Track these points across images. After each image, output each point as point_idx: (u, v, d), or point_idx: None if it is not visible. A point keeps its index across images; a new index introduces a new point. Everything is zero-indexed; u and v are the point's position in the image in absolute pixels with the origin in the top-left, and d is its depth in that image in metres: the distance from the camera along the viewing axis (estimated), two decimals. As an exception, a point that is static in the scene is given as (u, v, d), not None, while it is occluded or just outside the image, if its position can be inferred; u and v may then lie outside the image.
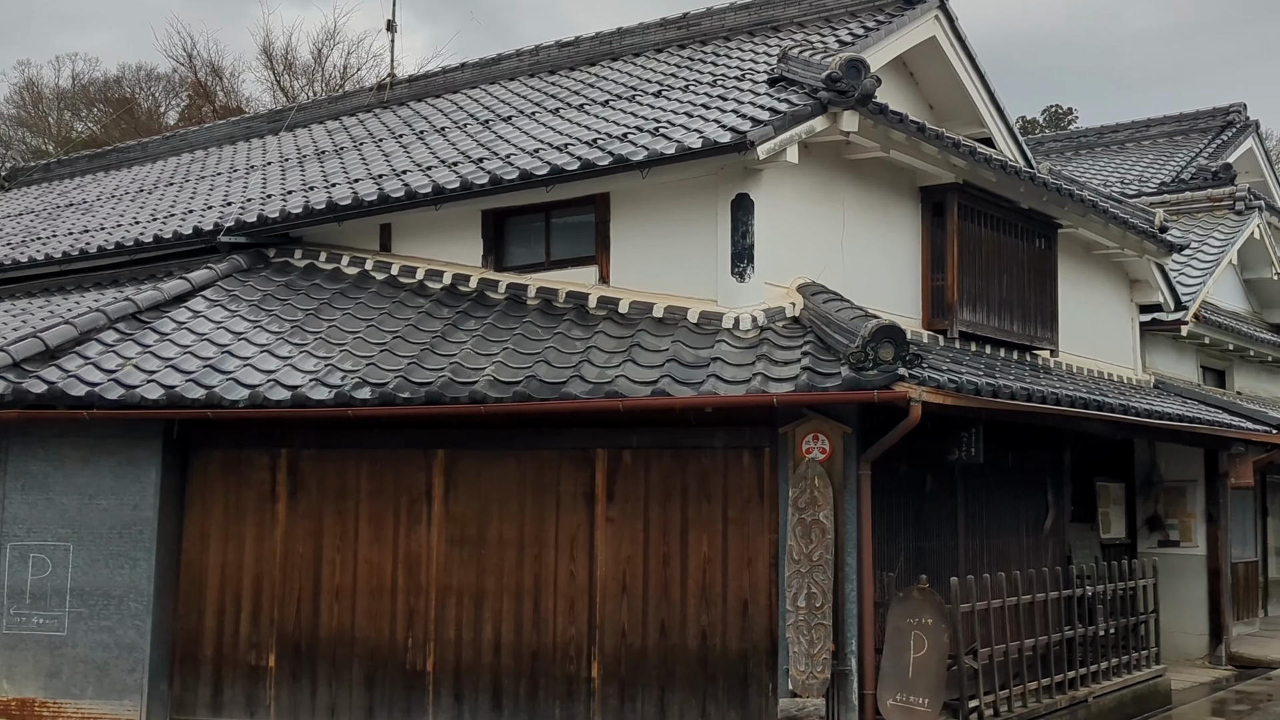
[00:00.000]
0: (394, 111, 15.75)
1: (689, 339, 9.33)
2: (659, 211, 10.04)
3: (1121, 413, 11.20)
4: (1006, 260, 12.24)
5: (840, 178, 10.53)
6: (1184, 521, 15.21)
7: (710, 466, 9.21)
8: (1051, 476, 12.61)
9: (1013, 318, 12.29)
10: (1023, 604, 10.03)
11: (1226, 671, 14.22)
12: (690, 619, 9.16)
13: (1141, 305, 15.70)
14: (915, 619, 8.81)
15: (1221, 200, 18.68)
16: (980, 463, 9.97)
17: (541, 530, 9.51)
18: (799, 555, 8.78)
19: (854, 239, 10.64)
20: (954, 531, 10.89)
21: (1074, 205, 12.69)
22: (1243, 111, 24.20)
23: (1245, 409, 15.55)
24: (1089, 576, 11.20)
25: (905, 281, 11.36)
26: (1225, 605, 14.83)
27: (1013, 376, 10.30)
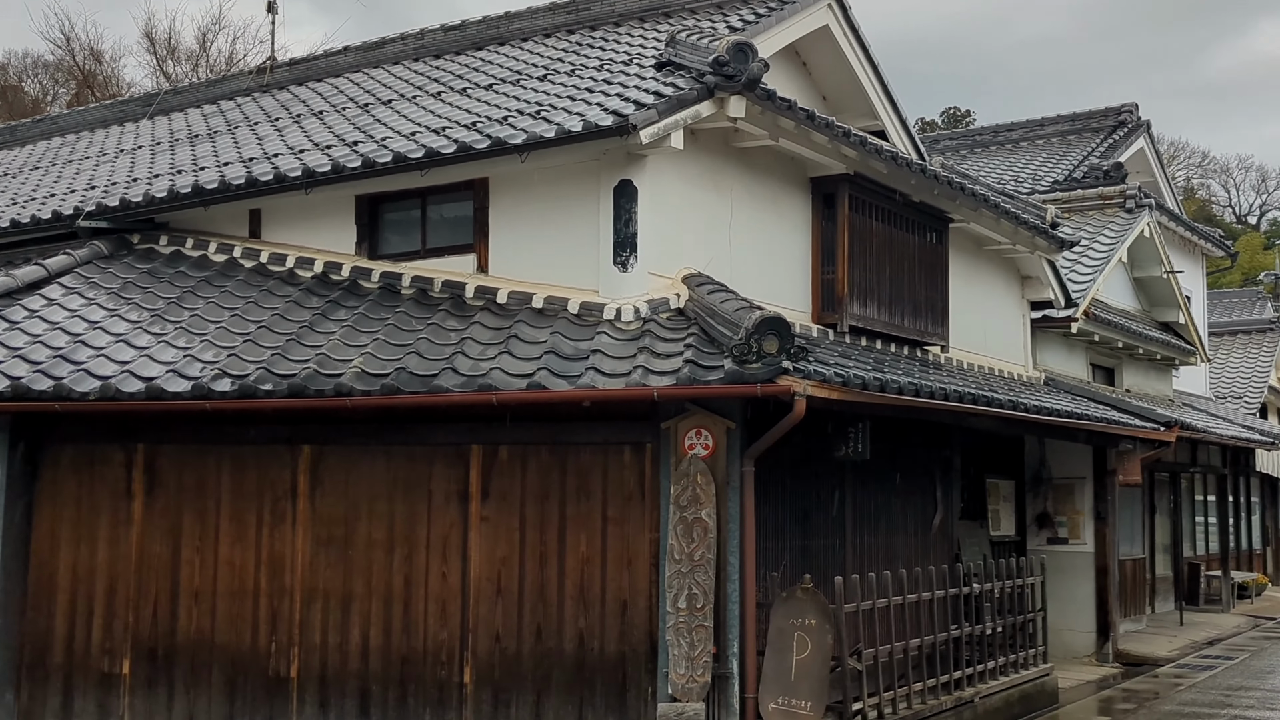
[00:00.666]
0: (273, 95, 15.20)
1: (569, 330, 9.02)
2: (540, 198, 9.71)
3: (1010, 409, 11.12)
4: (898, 254, 12.13)
5: (728, 166, 10.30)
6: (1073, 519, 15.29)
7: (590, 463, 8.91)
8: (941, 473, 12.53)
9: (904, 313, 12.17)
10: (909, 603, 9.89)
11: (1113, 669, 14.31)
12: (568, 621, 8.85)
13: (1033, 302, 15.75)
14: (798, 620, 8.60)
15: (1112, 199, 18.86)
16: (867, 459, 9.81)
17: (413, 530, 9.14)
18: (680, 555, 8.52)
19: (742, 230, 10.41)
20: (841, 529, 10.73)
21: (965, 199, 12.62)
22: (1134, 111, 24.58)
23: (1134, 406, 15.68)
24: (977, 574, 11.12)
25: (795, 274, 11.17)
26: (1113, 603, 14.92)
27: (901, 371, 10.16)
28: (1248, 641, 17.39)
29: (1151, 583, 19.73)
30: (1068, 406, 13.00)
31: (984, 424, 11.58)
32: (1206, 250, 26.30)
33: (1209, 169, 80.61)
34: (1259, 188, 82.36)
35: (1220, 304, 34.07)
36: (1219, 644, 17.01)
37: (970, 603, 10.93)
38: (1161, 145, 77.10)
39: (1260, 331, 30.51)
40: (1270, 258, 68.30)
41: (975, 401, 10.38)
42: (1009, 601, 11.49)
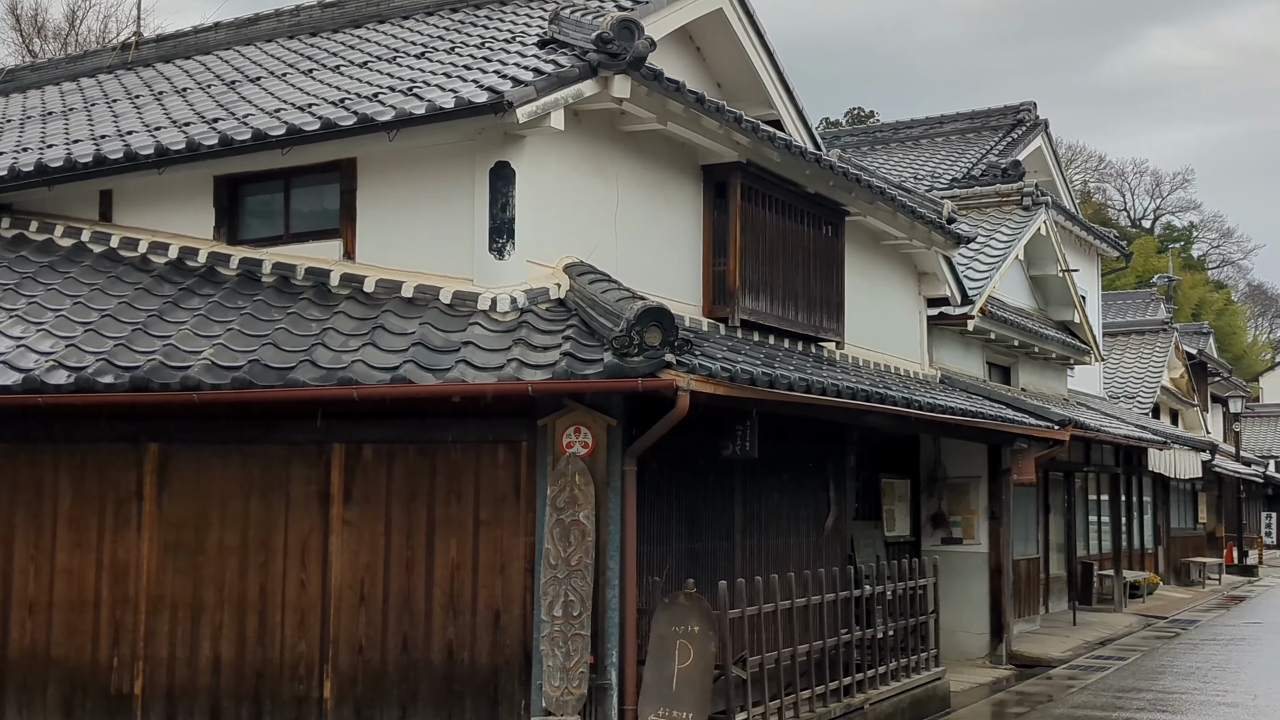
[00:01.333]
0: (137, 73, 14.41)
1: (439, 321, 8.51)
2: (412, 180, 9.17)
3: (904, 407, 10.84)
4: (792, 247, 11.79)
5: (615, 151, 9.85)
6: (967, 518, 15.12)
7: (461, 463, 8.40)
8: (835, 473, 12.23)
9: (798, 307, 11.84)
10: (797, 608, 9.52)
11: (1007, 671, 14.15)
12: (436, 631, 8.34)
13: (930, 299, 15.55)
14: (681, 627, 8.18)
15: (1010, 196, 18.80)
16: (756, 458, 9.44)
17: (269, 535, 8.55)
18: (556, 559, 8.05)
19: (630, 218, 9.97)
20: (730, 531, 10.35)
21: (861, 191, 12.33)
22: (1033, 110, 24.67)
23: (1029, 405, 15.56)
24: (868, 577, 10.81)
25: (685, 266, 10.75)
26: (1006, 603, 14.77)
27: (793, 367, 9.79)
28: (1139, 641, 17.42)
29: (1046, 582, 19.73)
30: (962, 405, 12.79)
31: (879, 422, 11.29)
32: (1102, 250, 26.53)
33: (1105, 173, 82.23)
34: (1153, 192, 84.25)
35: (1115, 305, 34.55)
36: (1111, 644, 17.00)
37: (863, 606, 10.63)
38: (1060, 148, 78.90)
39: (1154, 332, 30.95)
40: (1164, 261, 69.85)
41: (869, 399, 10.08)
42: (902, 604, 11.21)
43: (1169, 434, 24.26)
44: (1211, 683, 13.39)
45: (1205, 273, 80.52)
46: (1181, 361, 31.90)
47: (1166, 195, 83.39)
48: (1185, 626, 19.47)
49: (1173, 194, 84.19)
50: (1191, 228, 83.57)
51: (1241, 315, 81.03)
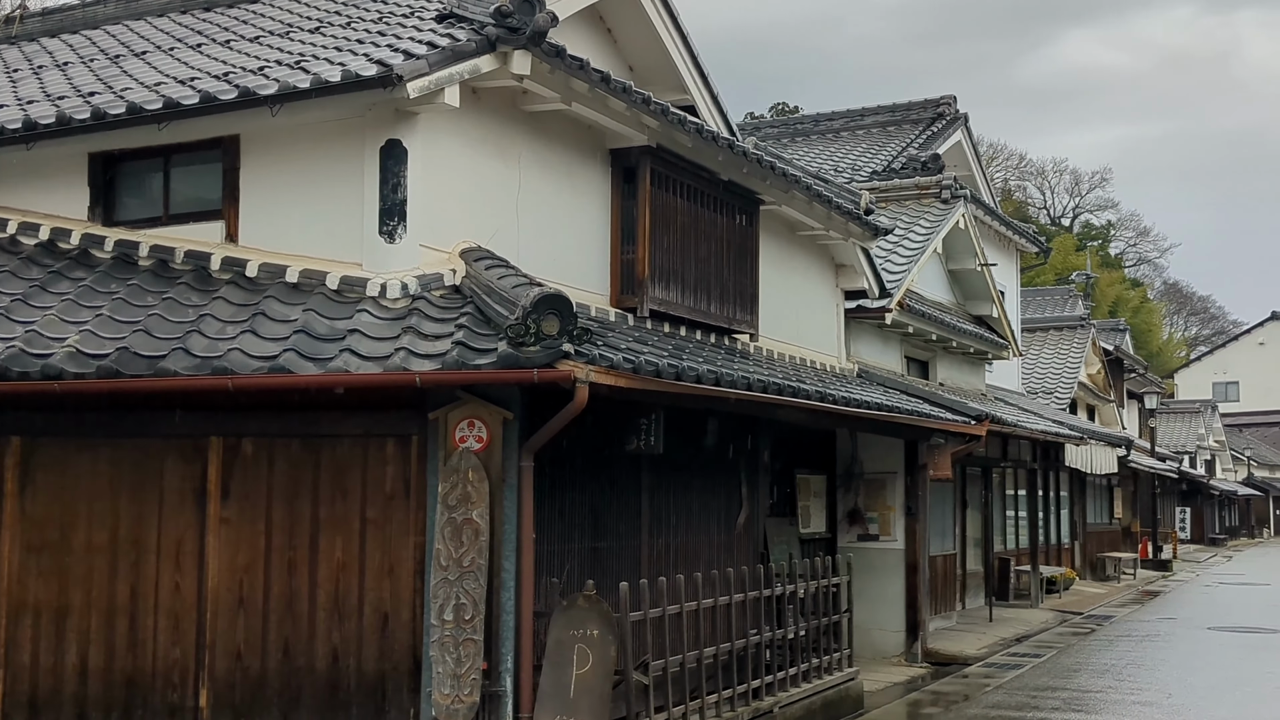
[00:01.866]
0: (20, 48, 13.69)
1: (325, 308, 8.05)
2: (299, 159, 8.69)
3: (818, 401, 10.57)
4: (705, 235, 11.46)
5: (517, 132, 9.44)
6: (884, 515, 14.92)
7: (348, 458, 7.97)
8: (747, 468, 11.93)
9: (710, 298, 11.51)
10: (705, 609, 9.19)
11: (922, 670, 13.96)
12: (320, 637, 7.90)
13: (847, 291, 15.33)
14: (579, 630, 7.80)
15: (929, 189, 18.65)
16: (661, 453, 9.09)
17: (141, 534, 8.05)
18: (448, 560, 7.64)
19: (533, 203, 9.57)
20: (637, 530, 9.99)
21: (776, 179, 12.03)
22: (953, 104, 24.61)
23: (946, 400, 15.40)
24: (779, 575, 10.52)
25: (592, 253, 10.37)
26: (922, 601, 14.59)
27: (702, 359, 9.46)
28: (1055, 638, 17.36)
29: (963, 578, 19.64)
30: (878, 399, 12.55)
31: (793, 417, 11.00)
32: (1021, 246, 26.56)
33: (1026, 171, 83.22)
34: (1072, 190, 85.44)
35: (1034, 301, 34.76)
36: (1027, 641, 16.92)
37: (774, 605, 10.34)
38: (981, 146, 79.55)
39: (1071, 328, 31.14)
40: (1082, 259, 70.82)
41: (781, 392, 9.78)
42: (815, 603, 10.94)
43: (1086, 429, 24.34)
44: (1126, 680, 13.29)
45: (1122, 271, 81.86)
46: (1099, 358, 32.14)
47: (1085, 194, 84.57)
48: (1101, 622, 19.48)
49: (1091, 193, 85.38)
50: (1109, 226, 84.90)
51: (1157, 313, 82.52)
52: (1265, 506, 67.78)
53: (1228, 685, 13.07)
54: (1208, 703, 12.08)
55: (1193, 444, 48.45)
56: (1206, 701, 12.13)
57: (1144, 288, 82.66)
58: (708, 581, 9.39)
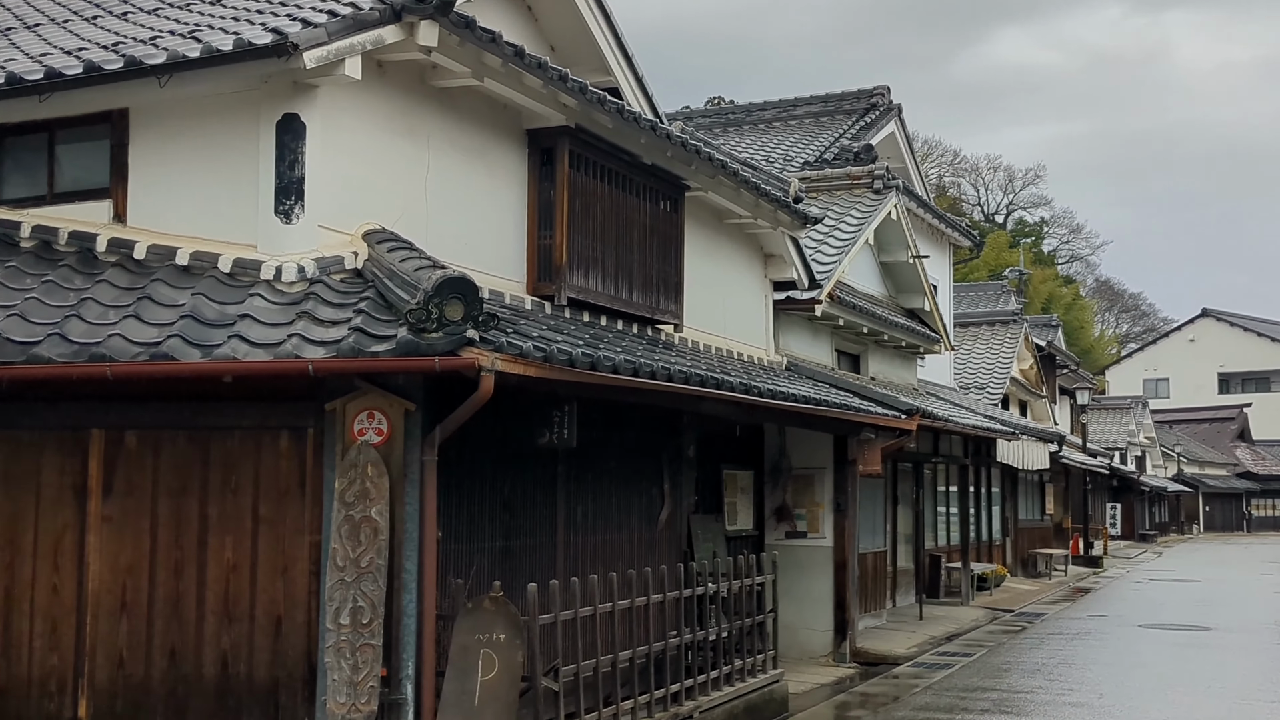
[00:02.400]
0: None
1: (215, 292, 7.61)
2: (191, 135, 8.23)
3: (743, 393, 10.27)
4: (627, 222, 11.12)
5: (426, 109, 9.04)
6: (812, 511, 14.68)
7: (239, 452, 7.54)
8: (670, 464, 11.62)
9: (633, 287, 11.18)
10: (621, 610, 8.86)
11: (850, 670, 13.73)
12: (208, 642, 7.47)
13: (776, 282, 15.07)
14: (485, 635, 7.44)
15: (860, 179, 18.45)
16: (576, 447, 8.76)
17: (16, 532, 7.59)
18: (344, 561, 7.25)
19: (444, 184, 9.17)
20: (552, 527, 9.64)
21: (702, 164, 11.73)
22: (886, 95, 24.46)
23: (876, 394, 15.19)
24: (700, 575, 10.21)
25: (508, 239, 10.00)
26: (851, 599, 14.36)
27: (620, 349, 9.12)
28: (985, 636, 17.25)
29: (893, 576, 19.50)
30: (806, 392, 12.28)
31: (717, 410, 10.69)
32: (954, 240, 26.54)
33: (960, 168, 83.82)
34: (1006, 187, 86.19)
35: (967, 296, 34.83)
36: (957, 639, 16.78)
37: (695, 605, 10.03)
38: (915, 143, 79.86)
39: (1004, 323, 31.19)
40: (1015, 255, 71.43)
41: (703, 384, 9.47)
42: (739, 602, 10.65)
43: (1018, 425, 24.33)
44: (1057, 680, 13.15)
45: (1055, 268, 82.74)
46: (1031, 353, 32.24)
47: (1019, 191, 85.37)
48: (1032, 620, 19.42)
49: (1025, 190, 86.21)
50: (1042, 223, 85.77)
51: (1089, 310, 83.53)
52: (1195, 503, 68.52)
53: (1160, 685, 12.97)
54: (1140, 703, 11.96)
55: (1124, 440, 48.88)
56: (1138, 702, 12.01)
57: (1076, 285, 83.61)
58: (626, 582, 9.06)
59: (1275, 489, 69.55)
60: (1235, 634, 17.62)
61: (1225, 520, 70.15)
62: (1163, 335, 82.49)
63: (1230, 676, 13.66)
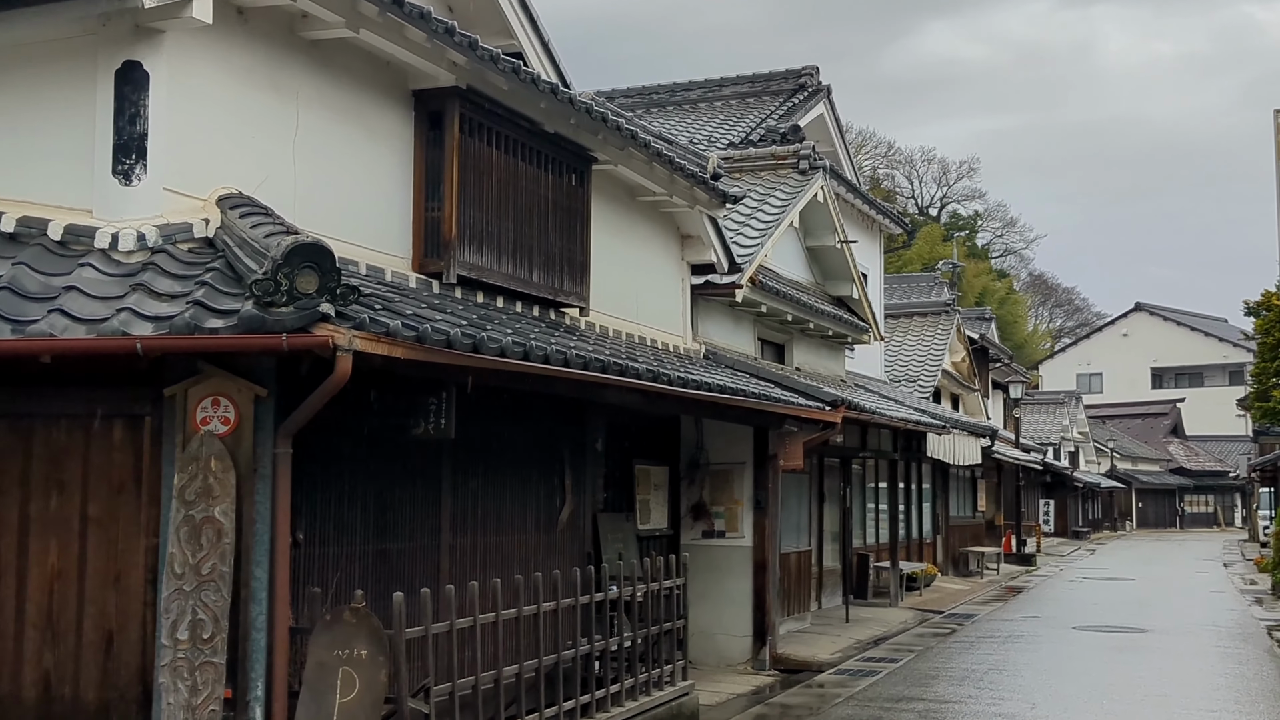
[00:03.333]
0: None
1: (42, 261, 6.81)
2: (20, 86, 7.41)
3: (649, 380, 9.60)
4: (528, 195, 10.41)
5: (295, 63, 8.26)
6: (731, 509, 14.05)
7: (66, 444, 6.75)
8: (573, 458, 10.93)
9: (533, 265, 10.48)
10: (507, 620, 8.15)
11: (770, 678, 13.13)
12: (29, 659, 6.69)
13: (694, 265, 14.43)
14: (345, 651, 6.70)
15: (786, 159, 17.86)
16: (454, 437, 7.99)
17: None
18: (183, 567, 6.48)
19: (316, 147, 8.41)
20: (435, 528, 8.91)
21: (610, 134, 11.05)
22: (815, 75, 23.92)
23: (798, 384, 14.61)
24: (607, 578, 9.54)
25: (391, 210, 9.24)
26: (771, 602, 13.76)
27: (511, 331, 8.40)
28: (914, 640, 16.75)
29: (819, 576, 18.97)
30: (720, 381, 11.64)
31: (625, 400, 10.02)
32: (885, 227, 26.09)
33: (894, 160, 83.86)
34: (940, 180, 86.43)
35: (899, 287, 34.46)
36: (885, 643, 16.27)
37: (598, 612, 9.35)
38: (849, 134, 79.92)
39: (936, 314, 30.85)
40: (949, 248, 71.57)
41: (604, 370, 8.79)
42: (646, 609, 9.99)
43: (949, 418, 23.93)
44: (987, 689, 12.64)
45: (989, 261, 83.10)
46: (964, 345, 31.95)
47: (953, 184, 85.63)
48: (962, 622, 18.98)
49: (959, 182, 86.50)
50: (976, 216, 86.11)
51: (1023, 304, 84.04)
52: (1128, 499, 68.95)
53: (1095, 692, 12.49)
54: (1074, 713, 11.46)
55: (1057, 436, 48.94)
56: (1072, 712, 11.51)
57: (1010, 279, 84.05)
58: (514, 588, 8.36)
59: (1208, 485, 70.21)
60: (1172, 636, 17.28)
61: (1158, 516, 70.59)
62: (1096, 329, 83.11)
63: (1169, 683, 13.24)
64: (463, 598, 7.76)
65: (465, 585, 8.23)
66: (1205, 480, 70.01)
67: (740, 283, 14.65)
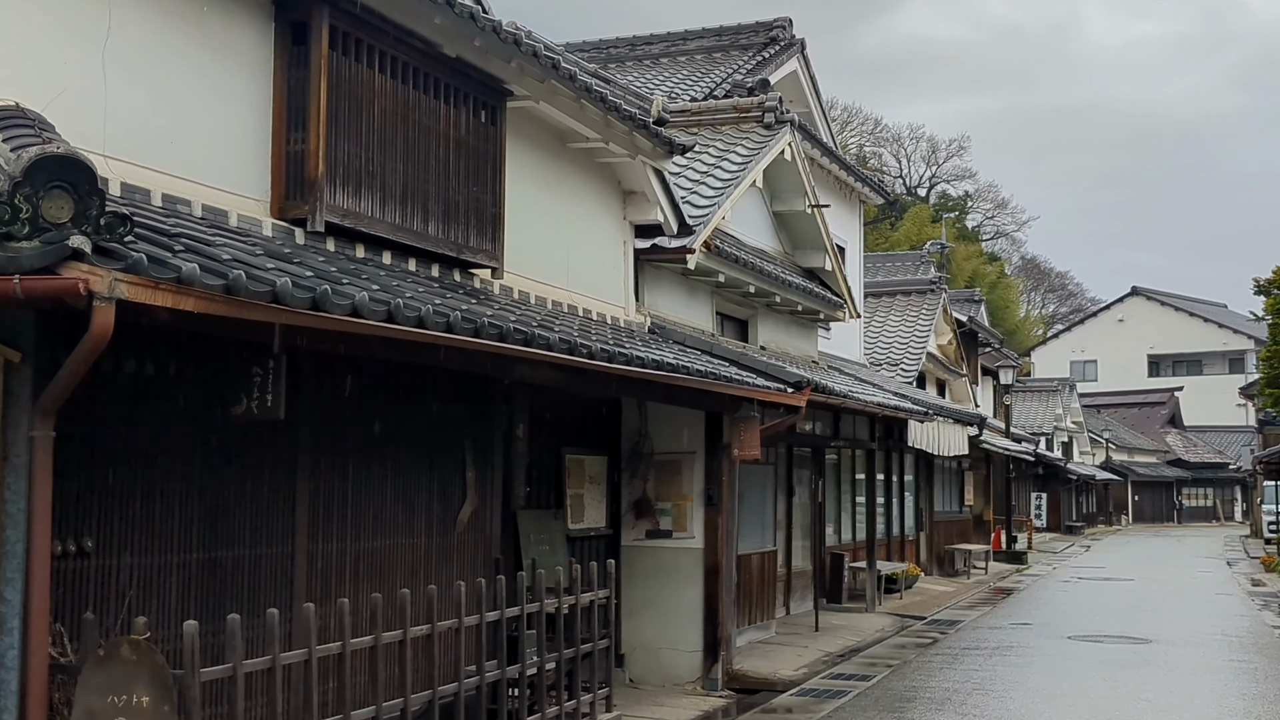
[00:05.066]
0: None
1: None
2: None
3: (565, 353, 8.17)
4: (424, 131, 8.97)
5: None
6: (679, 506, 12.61)
7: None
8: (478, 447, 9.50)
9: (429, 215, 9.04)
10: (356, 648, 6.69)
11: (721, 700, 11.71)
12: None
13: (640, 226, 13.01)
14: (121, 696, 5.26)
15: (749, 111, 16.42)
16: (280, 419, 6.60)
17: None
18: (-100, 587, 5.04)
19: (137, 59, 6.95)
20: (289, 532, 7.46)
21: (527, 61, 9.59)
22: (788, 28, 22.51)
23: (758, 363, 13.21)
24: (533, 588, 8.11)
25: (243, 141, 7.79)
26: (725, 612, 12.35)
27: (381, 289, 6.95)
28: (890, 651, 15.37)
29: (787, 579, 17.59)
30: (661, 357, 10.21)
31: (544, 378, 8.56)
32: (865, 196, 24.73)
33: (881, 137, 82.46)
34: (930, 159, 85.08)
35: (883, 266, 33.11)
36: (857, 656, 14.89)
37: (503, 632, 7.93)
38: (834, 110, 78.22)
39: (921, 292, 29.51)
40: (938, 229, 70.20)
41: (504, 338, 7.35)
42: (569, 626, 8.57)
43: (933, 404, 22.58)
44: (970, 715, 11.25)
45: (980, 244, 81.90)
46: (951, 327, 30.61)
47: (943, 163, 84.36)
48: (945, 629, 17.62)
49: (949, 161, 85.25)
50: (967, 197, 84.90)
51: (1015, 289, 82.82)
52: (1124, 492, 67.75)
53: (1095, 718, 11.13)
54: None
55: (1049, 425, 47.72)
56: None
57: (1002, 262, 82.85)
58: (397, 604, 6.91)
59: (1207, 478, 68.96)
60: (1180, 647, 15.93)
61: (1155, 510, 69.33)
62: (1091, 315, 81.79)
63: (1181, 707, 11.88)
64: (297, 622, 6.32)
65: (331, 602, 6.83)
66: (1204, 473, 68.86)
67: (692, 246, 13.21)
